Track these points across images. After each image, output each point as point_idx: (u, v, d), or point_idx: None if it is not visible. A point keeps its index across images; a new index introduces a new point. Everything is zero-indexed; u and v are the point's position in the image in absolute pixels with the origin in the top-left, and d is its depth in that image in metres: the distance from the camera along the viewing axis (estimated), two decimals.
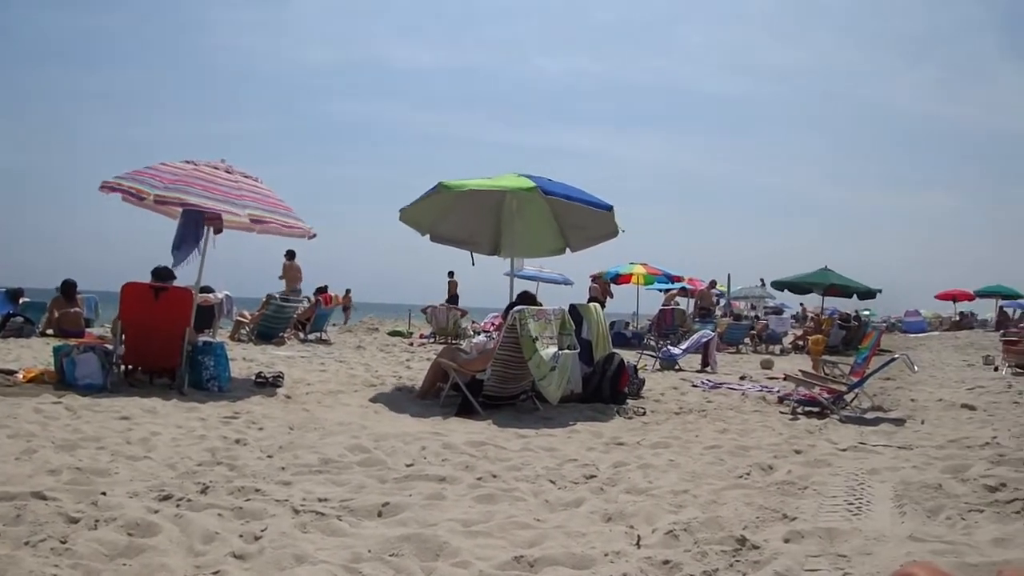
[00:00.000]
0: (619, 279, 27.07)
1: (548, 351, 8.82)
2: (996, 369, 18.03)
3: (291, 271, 20.96)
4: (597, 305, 11.54)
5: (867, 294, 28.10)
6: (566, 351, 9.09)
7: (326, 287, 21.66)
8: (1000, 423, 9.18)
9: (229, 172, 10.23)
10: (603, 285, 22.77)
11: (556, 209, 11.69)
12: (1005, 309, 39.79)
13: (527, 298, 9.88)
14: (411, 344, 20.77)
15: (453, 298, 27.98)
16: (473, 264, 12.67)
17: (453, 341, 19.91)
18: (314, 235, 10.65)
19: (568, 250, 12.96)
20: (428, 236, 12.26)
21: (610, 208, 10.89)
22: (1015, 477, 5.94)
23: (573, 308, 10.70)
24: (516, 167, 11.14)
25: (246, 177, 10.38)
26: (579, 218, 11.69)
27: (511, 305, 9.50)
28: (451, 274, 28.90)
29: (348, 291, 34.58)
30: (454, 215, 12.08)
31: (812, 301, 33.09)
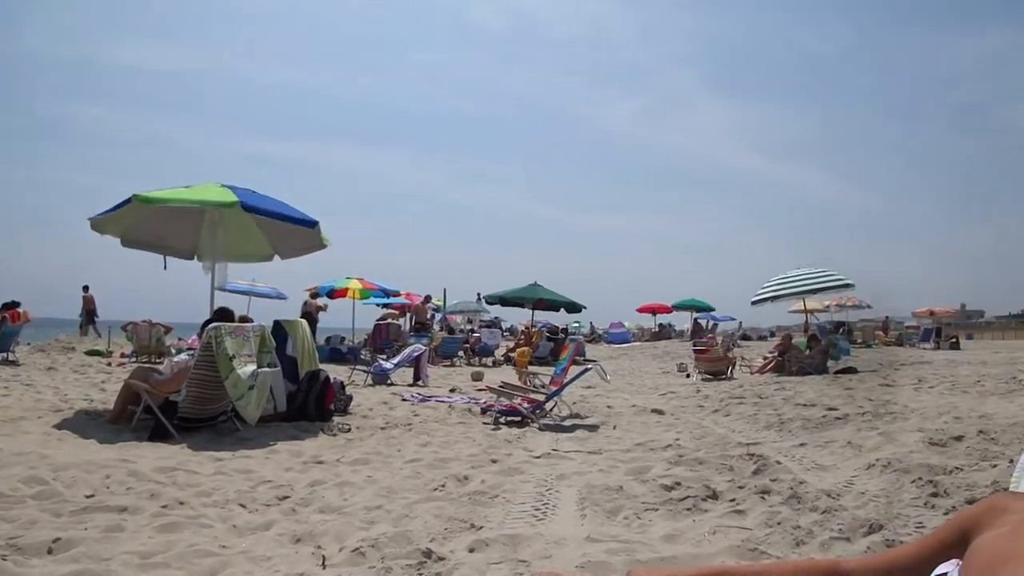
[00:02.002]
0: (335, 293, 26.76)
1: (246, 369, 8.51)
2: (688, 376, 19.41)
3: None
4: (304, 321, 11.30)
5: (573, 308, 29.45)
6: (266, 369, 8.82)
7: (16, 302, 19.84)
8: (684, 426, 9.85)
9: None
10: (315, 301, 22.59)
11: (260, 222, 11.36)
12: (699, 320, 42.87)
13: (224, 314, 9.51)
14: (109, 364, 19.49)
15: (90, 313, 26.64)
16: (165, 268, 12.05)
17: (157, 360, 18.86)
18: None
19: (278, 257, 12.66)
20: (120, 241, 11.54)
21: (314, 225, 10.71)
22: (689, 476, 6.36)
23: (278, 324, 10.42)
24: (234, 174, 10.69)
25: None
26: (284, 231, 11.43)
27: (207, 322, 9.11)
28: (86, 288, 27.44)
29: None
30: (152, 223, 11.43)
31: (524, 315, 34.13)
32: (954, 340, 35.66)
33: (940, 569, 1.42)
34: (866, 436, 7.93)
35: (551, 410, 10.67)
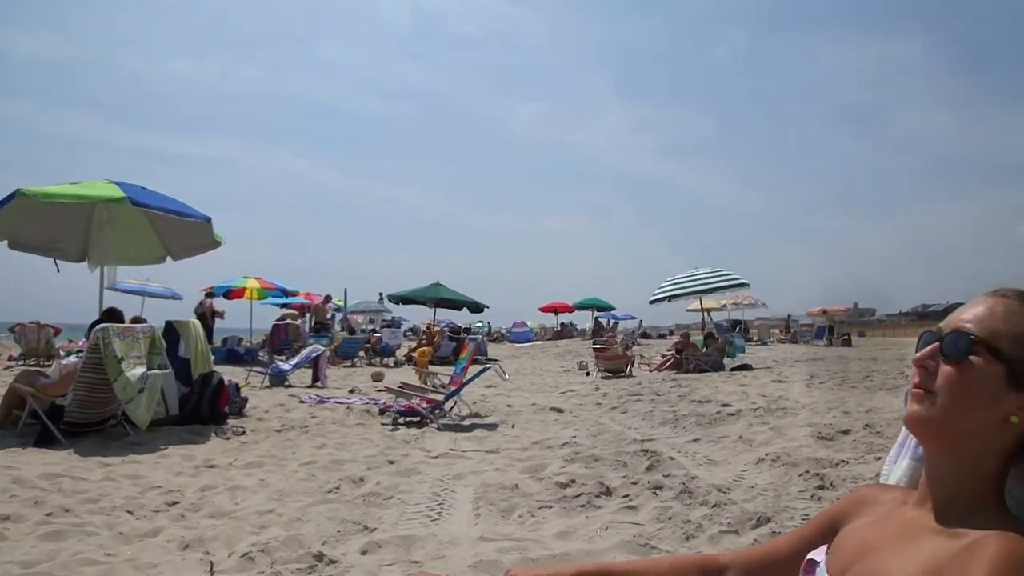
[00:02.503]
0: (231, 293, 26.19)
1: (136, 372, 8.28)
2: (588, 374, 19.60)
3: None
4: (196, 321, 11.03)
5: (476, 308, 29.45)
6: (156, 371, 8.60)
7: None
8: (581, 423, 9.95)
9: None
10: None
11: (151, 219, 11.07)
12: (600, 319, 43.37)
13: (113, 315, 9.25)
14: None
15: None
16: (58, 271, 11.66)
17: (45, 363, 18.24)
18: None
19: (170, 258, 12.35)
20: (7, 243, 11.11)
21: (208, 220, 10.50)
22: (584, 473, 6.43)
23: (169, 325, 10.17)
24: (143, 174, 10.35)
25: None
26: (176, 228, 11.17)
27: (95, 323, 8.84)
28: None
29: None
30: (39, 222, 11.02)
31: (427, 315, 33.94)
32: (846, 337, 36.88)
33: (813, 555, 1.47)
34: (757, 431, 8.14)
35: (450, 410, 10.66)
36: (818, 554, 1.47)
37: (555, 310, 48.74)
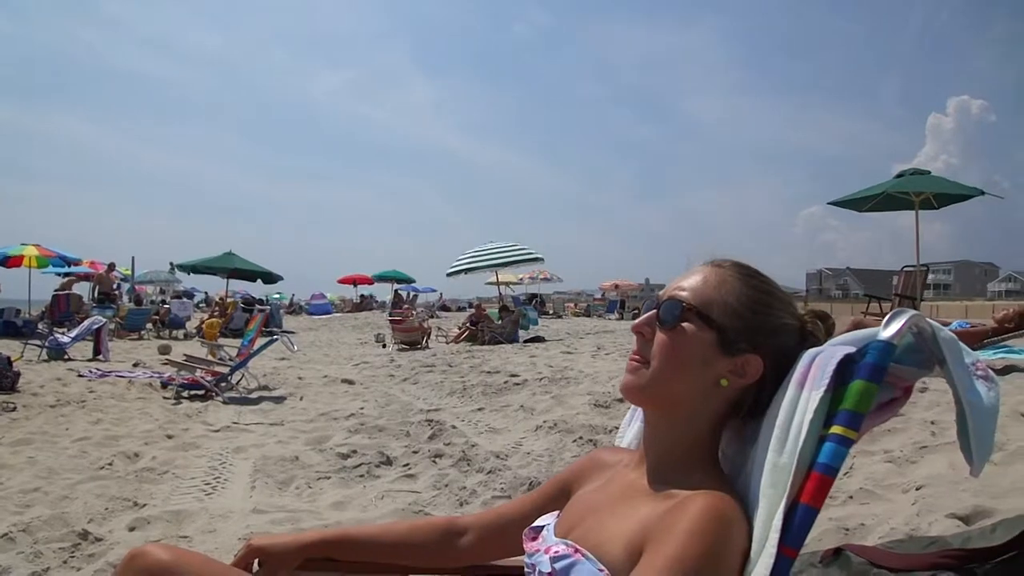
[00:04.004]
0: (8, 261, 24.53)
1: None
2: (385, 346, 19.63)
3: None
4: None
5: (270, 279, 28.83)
6: None
7: None
8: (371, 395, 10.01)
9: None
10: None
11: None
12: (399, 292, 43.39)
13: None
14: None
15: None
16: None
17: None
18: None
19: None
20: None
21: None
22: (366, 443, 6.51)
23: None
24: None
25: None
26: None
27: None
28: None
29: None
30: None
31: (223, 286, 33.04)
32: (636, 311, 38.42)
33: (540, 521, 1.57)
34: (540, 400, 8.41)
35: (238, 383, 10.48)
36: (545, 519, 1.58)
37: (354, 282, 48.50)
